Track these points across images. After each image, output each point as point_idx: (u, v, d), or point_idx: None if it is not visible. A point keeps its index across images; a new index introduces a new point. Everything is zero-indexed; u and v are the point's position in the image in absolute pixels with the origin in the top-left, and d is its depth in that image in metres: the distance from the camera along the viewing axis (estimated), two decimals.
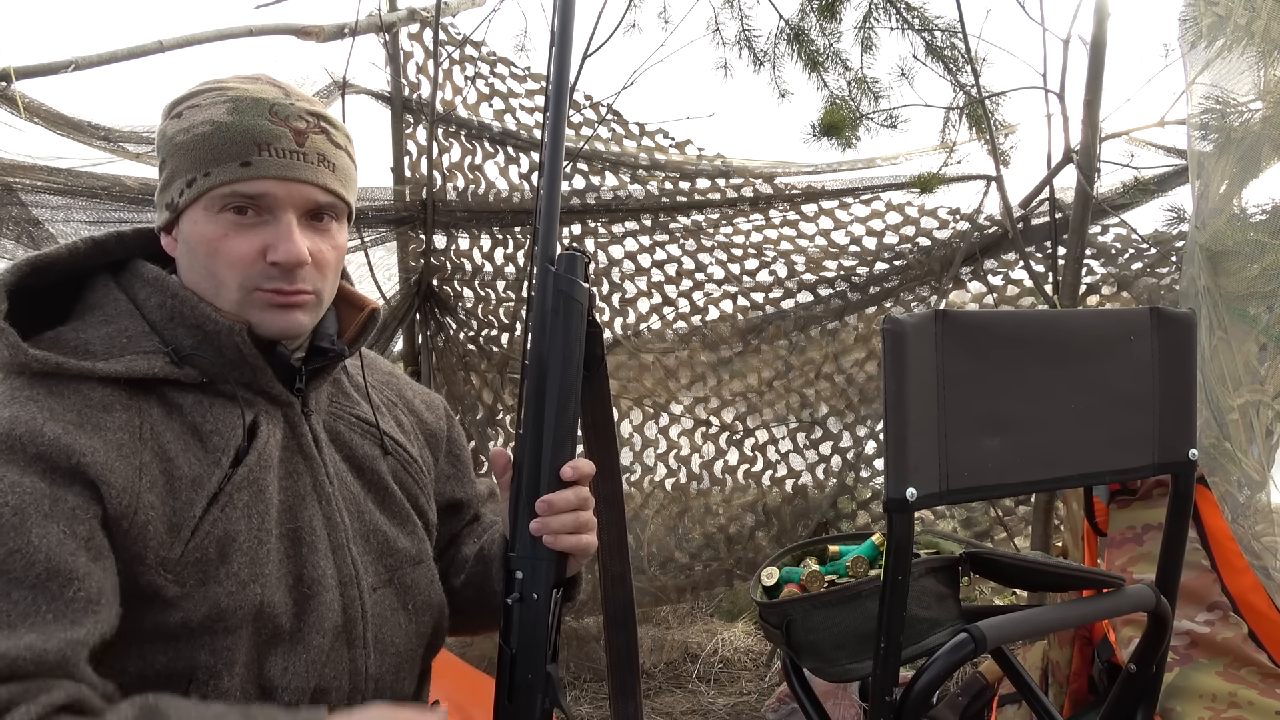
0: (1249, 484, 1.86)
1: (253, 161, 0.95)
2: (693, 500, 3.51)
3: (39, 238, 2.55)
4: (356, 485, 1.07)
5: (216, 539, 0.92)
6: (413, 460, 1.15)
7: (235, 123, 0.95)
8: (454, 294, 3.37)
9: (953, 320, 1.10)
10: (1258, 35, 1.89)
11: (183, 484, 0.92)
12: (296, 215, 0.97)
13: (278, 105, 0.97)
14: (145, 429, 0.93)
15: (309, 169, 0.97)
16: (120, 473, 0.88)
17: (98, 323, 0.97)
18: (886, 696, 1.12)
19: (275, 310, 0.97)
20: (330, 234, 1.01)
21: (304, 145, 0.97)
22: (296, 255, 0.95)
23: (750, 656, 3.51)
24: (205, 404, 0.97)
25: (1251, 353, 1.86)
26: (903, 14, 2.95)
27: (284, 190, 0.96)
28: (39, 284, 0.98)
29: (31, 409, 0.88)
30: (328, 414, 1.09)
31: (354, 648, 1.01)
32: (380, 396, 1.18)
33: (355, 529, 1.04)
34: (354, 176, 1.05)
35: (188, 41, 2.63)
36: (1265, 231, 1.88)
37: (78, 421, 0.89)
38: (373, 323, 1.10)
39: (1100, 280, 3.12)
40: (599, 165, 3.27)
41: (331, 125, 1.01)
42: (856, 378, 3.44)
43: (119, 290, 1.00)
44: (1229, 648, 1.76)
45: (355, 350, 1.10)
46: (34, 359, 0.90)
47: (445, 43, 3.11)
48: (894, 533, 1.08)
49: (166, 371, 0.94)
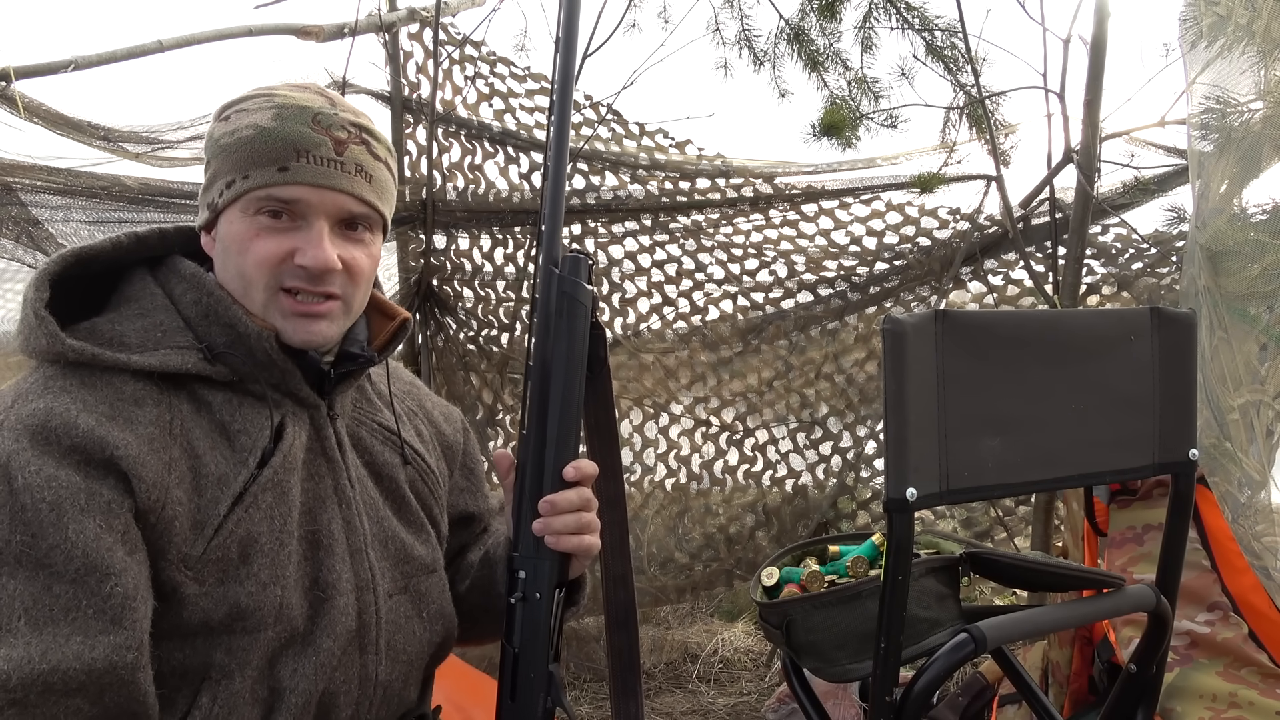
0: (1249, 484, 1.85)
1: (290, 167, 0.96)
2: (693, 500, 3.51)
3: (38, 237, 2.55)
4: (375, 491, 1.08)
5: (239, 539, 0.92)
6: (430, 471, 1.15)
7: (278, 128, 0.96)
8: (454, 294, 3.37)
9: (953, 320, 1.10)
10: (1258, 35, 1.89)
11: (209, 482, 0.93)
12: (329, 223, 0.98)
13: (321, 114, 0.98)
14: (175, 425, 0.93)
15: (345, 178, 0.98)
16: (151, 467, 0.89)
17: (133, 315, 0.98)
18: (886, 696, 1.12)
19: (298, 320, 0.98)
20: (364, 243, 1.02)
21: (343, 155, 0.98)
22: (325, 262, 0.96)
23: (750, 656, 3.51)
24: (234, 402, 0.98)
25: (1251, 353, 1.86)
26: (903, 14, 2.95)
27: (318, 197, 0.97)
28: (81, 275, 0.99)
29: (65, 400, 0.88)
30: (351, 419, 1.09)
31: (366, 653, 1.01)
32: (401, 405, 1.18)
33: (374, 534, 1.05)
34: (392, 190, 1.06)
35: (187, 41, 2.63)
36: (1265, 231, 1.88)
37: (110, 414, 0.89)
38: (403, 332, 1.12)
39: (1100, 280, 3.12)
40: (599, 165, 3.27)
41: (373, 138, 1.02)
42: (856, 378, 3.44)
43: (156, 285, 1.01)
44: (1229, 648, 1.75)
45: (384, 358, 1.11)
46: (70, 349, 0.91)
47: (445, 43, 3.11)
48: (894, 533, 1.08)
49: (199, 368, 0.95)
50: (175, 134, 2.82)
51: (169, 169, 2.88)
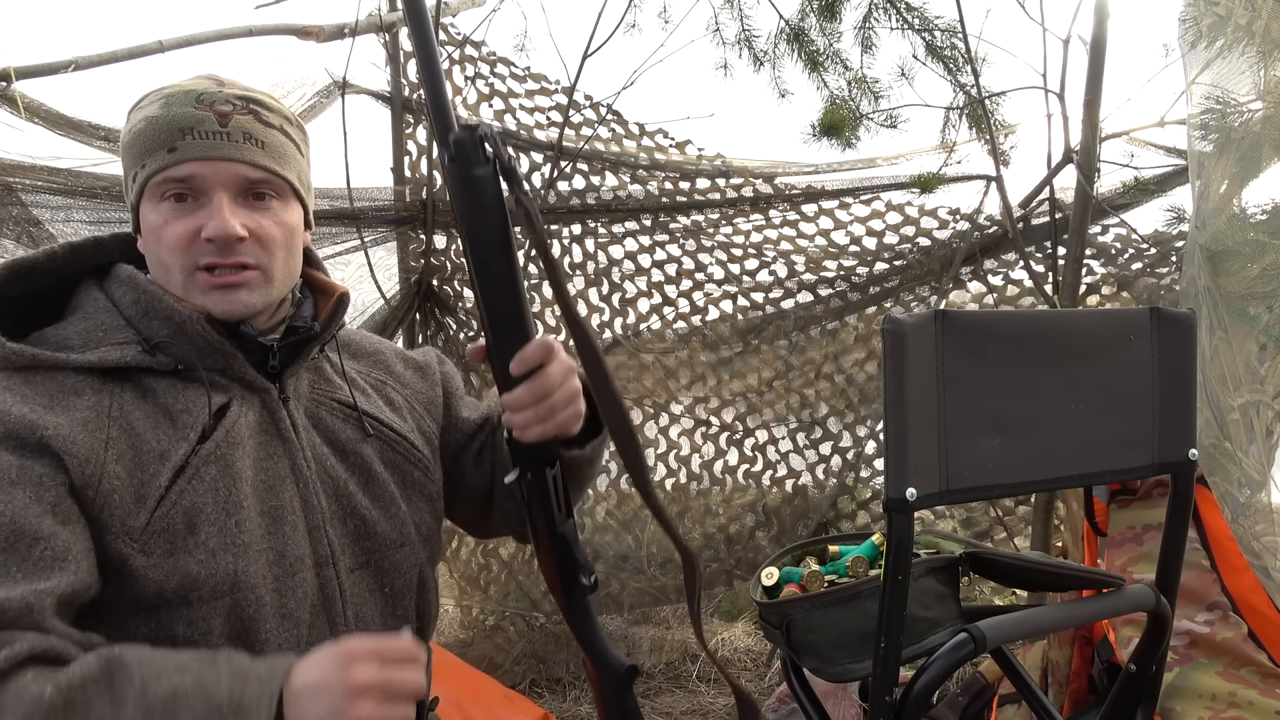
0: (1249, 484, 1.86)
1: (178, 146, 0.99)
2: (693, 500, 3.51)
3: (39, 238, 2.55)
4: (340, 468, 1.10)
5: (184, 510, 0.96)
6: (401, 438, 1.17)
7: (164, 115, 1.00)
8: (454, 294, 3.37)
9: (953, 320, 1.10)
10: (1258, 35, 1.89)
11: (149, 457, 0.97)
12: (230, 194, 1.01)
13: (205, 93, 1.01)
14: (114, 408, 0.98)
15: (233, 147, 1.00)
16: (83, 444, 0.93)
17: (77, 320, 1.03)
18: (886, 696, 1.12)
19: (217, 293, 1.01)
20: (272, 211, 1.04)
21: (227, 125, 1.01)
22: (224, 229, 0.99)
23: (750, 656, 3.51)
24: (179, 388, 1.02)
25: (1251, 353, 1.86)
26: (903, 14, 2.95)
27: (210, 169, 0.99)
28: (28, 290, 1.04)
29: (4, 395, 0.94)
30: (309, 400, 1.12)
31: (335, 625, 1.05)
32: (367, 378, 1.21)
33: (333, 511, 1.08)
34: (292, 154, 1.07)
35: (188, 41, 2.63)
36: (1265, 231, 1.88)
37: (48, 404, 0.95)
38: (342, 306, 1.15)
39: (1100, 280, 3.12)
40: (599, 165, 3.27)
41: (262, 106, 1.05)
42: (856, 378, 3.44)
43: (99, 291, 1.06)
44: (1229, 648, 1.76)
45: (330, 333, 1.14)
46: (11, 352, 0.96)
47: (445, 43, 3.11)
48: (894, 533, 1.08)
49: (138, 360, 0.99)
50: None
51: None
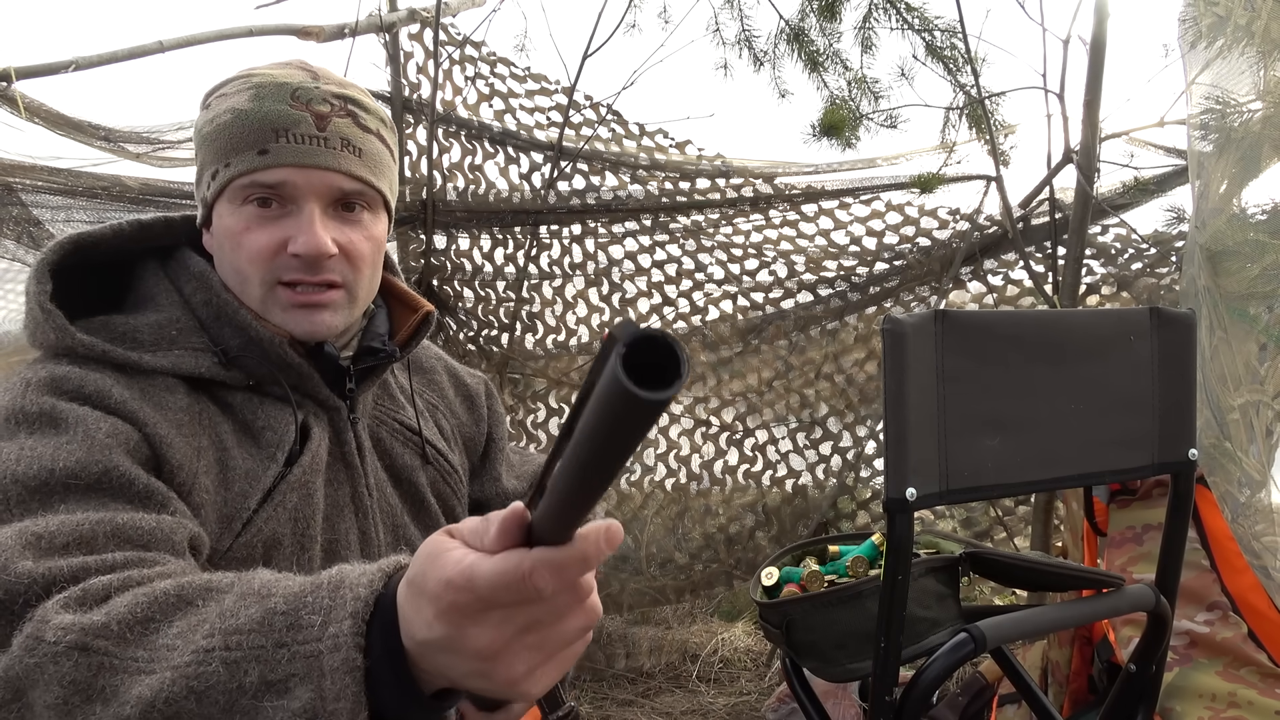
0: (1249, 484, 1.85)
1: (270, 149, 0.89)
2: (692, 500, 3.50)
3: (39, 238, 2.55)
4: (395, 496, 1.04)
5: (264, 540, 0.88)
6: (452, 470, 1.11)
7: (254, 110, 0.90)
8: (454, 294, 3.37)
9: (952, 320, 1.10)
10: (1258, 35, 1.89)
11: (236, 475, 0.89)
12: (321, 205, 0.92)
13: (301, 89, 0.92)
14: (204, 416, 0.89)
15: (330, 155, 0.91)
16: (180, 449, 0.85)
17: (149, 312, 0.94)
18: (886, 696, 1.12)
19: (299, 312, 0.93)
20: (362, 224, 0.96)
21: (325, 130, 0.92)
22: (316, 246, 0.90)
23: (750, 656, 3.51)
24: (255, 402, 0.94)
25: (1251, 353, 1.86)
26: (903, 14, 2.95)
27: (303, 178, 0.91)
28: (82, 264, 0.95)
29: (100, 378, 0.85)
30: (372, 418, 1.05)
31: None
32: (423, 399, 1.13)
33: (388, 544, 1.01)
34: (389, 162, 0.99)
35: (188, 42, 2.63)
36: (1265, 231, 1.88)
37: (141, 396, 0.86)
38: (426, 326, 1.06)
39: (1100, 280, 3.11)
40: (599, 165, 3.27)
41: (361, 109, 0.96)
42: (856, 378, 3.44)
43: (168, 281, 0.96)
44: (1228, 647, 1.76)
45: (406, 354, 1.06)
46: (80, 343, 0.87)
47: (445, 43, 3.11)
48: (894, 533, 1.08)
49: (214, 373, 0.91)
50: (176, 134, 2.82)
51: (170, 169, 2.88)
